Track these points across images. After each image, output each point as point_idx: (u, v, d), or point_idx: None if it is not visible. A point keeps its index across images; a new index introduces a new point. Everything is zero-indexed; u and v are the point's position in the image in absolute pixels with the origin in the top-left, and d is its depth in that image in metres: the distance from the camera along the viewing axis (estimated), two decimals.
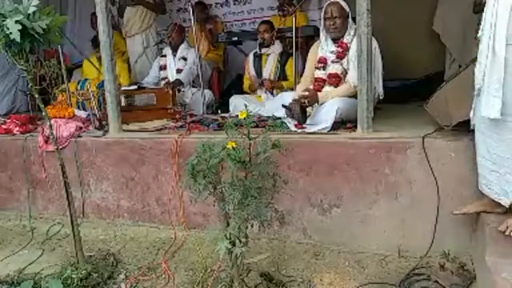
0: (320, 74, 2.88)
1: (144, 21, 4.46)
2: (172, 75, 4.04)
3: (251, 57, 3.90)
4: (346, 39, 2.78)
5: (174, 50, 4.09)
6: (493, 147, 1.76)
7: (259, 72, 3.80)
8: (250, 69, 3.87)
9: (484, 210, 1.94)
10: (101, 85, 3.59)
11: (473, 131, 1.94)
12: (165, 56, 4.16)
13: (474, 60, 2.23)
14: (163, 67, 4.12)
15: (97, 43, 3.99)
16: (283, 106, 2.71)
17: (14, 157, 3.31)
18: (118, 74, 3.94)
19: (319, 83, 2.86)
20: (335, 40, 2.83)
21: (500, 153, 1.73)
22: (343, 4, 2.75)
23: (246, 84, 3.94)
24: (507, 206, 1.79)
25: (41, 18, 1.89)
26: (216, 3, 5.15)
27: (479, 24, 1.76)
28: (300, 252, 2.41)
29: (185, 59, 4.04)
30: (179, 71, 4.00)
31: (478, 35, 1.74)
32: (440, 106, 2.33)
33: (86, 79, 4.21)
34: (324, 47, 2.89)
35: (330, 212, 2.41)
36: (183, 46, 4.08)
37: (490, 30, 1.64)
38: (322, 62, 2.87)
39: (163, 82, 4.03)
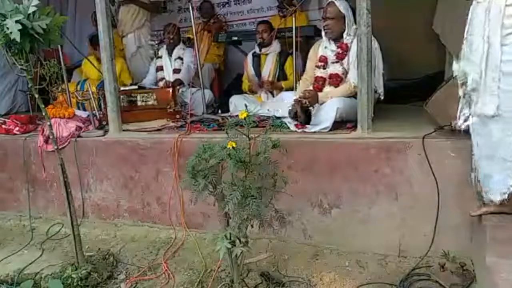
0: (320, 73, 2.88)
1: (136, 20, 4.47)
2: (169, 76, 4.03)
3: (250, 57, 3.90)
4: (346, 39, 2.78)
5: (170, 50, 4.08)
6: (483, 144, 1.78)
7: (258, 72, 3.80)
8: (249, 69, 3.87)
9: (501, 211, 1.90)
10: (100, 85, 3.59)
11: (466, 131, 1.94)
12: (161, 57, 4.16)
13: None
14: (159, 68, 4.13)
15: (95, 41, 4.01)
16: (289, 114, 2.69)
17: (14, 157, 3.31)
18: (119, 73, 3.96)
19: (319, 82, 2.86)
20: (335, 41, 2.83)
21: (488, 151, 1.75)
22: (339, 4, 2.73)
23: (245, 84, 3.94)
24: (497, 203, 1.81)
25: (41, 18, 1.89)
26: (217, 3, 5.16)
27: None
28: (300, 252, 2.41)
29: (181, 59, 4.03)
30: (176, 71, 4.00)
31: (465, 36, 1.75)
32: (440, 106, 2.33)
33: (85, 79, 4.21)
34: (325, 47, 2.89)
35: (330, 212, 2.41)
36: (179, 46, 4.08)
37: (484, 31, 1.66)
38: (323, 61, 2.87)
39: (160, 83, 4.03)
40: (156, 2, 4.67)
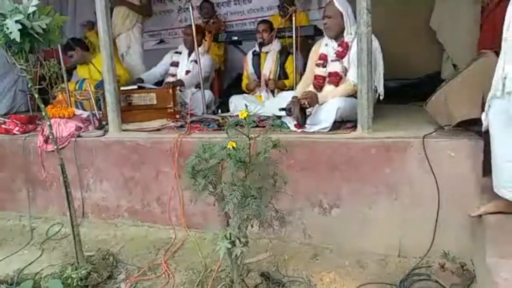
0: (319, 72, 2.88)
1: (126, 22, 4.48)
2: (180, 74, 4.01)
3: (249, 55, 3.89)
4: (347, 38, 2.77)
5: (190, 51, 4.04)
6: None
7: (258, 71, 3.79)
8: (249, 68, 3.86)
9: (500, 211, 1.91)
10: (99, 85, 3.58)
11: (485, 132, 1.89)
12: (179, 53, 4.12)
13: (475, 59, 2.24)
14: (175, 63, 4.10)
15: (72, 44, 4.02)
16: (281, 109, 2.70)
17: (14, 157, 3.31)
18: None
19: (319, 81, 2.86)
20: (336, 39, 2.83)
21: None
22: (337, 4, 2.73)
23: (244, 82, 3.94)
24: None
25: (41, 18, 1.88)
26: (217, 3, 5.16)
27: None
28: (300, 252, 2.41)
29: (196, 62, 3.99)
30: (188, 72, 3.97)
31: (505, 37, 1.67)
32: (440, 106, 2.33)
33: (84, 79, 4.21)
34: (326, 44, 2.89)
35: (330, 212, 2.41)
36: (198, 49, 4.03)
37: None
38: (322, 59, 2.87)
39: (170, 78, 4.01)
40: (147, 5, 4.68)
